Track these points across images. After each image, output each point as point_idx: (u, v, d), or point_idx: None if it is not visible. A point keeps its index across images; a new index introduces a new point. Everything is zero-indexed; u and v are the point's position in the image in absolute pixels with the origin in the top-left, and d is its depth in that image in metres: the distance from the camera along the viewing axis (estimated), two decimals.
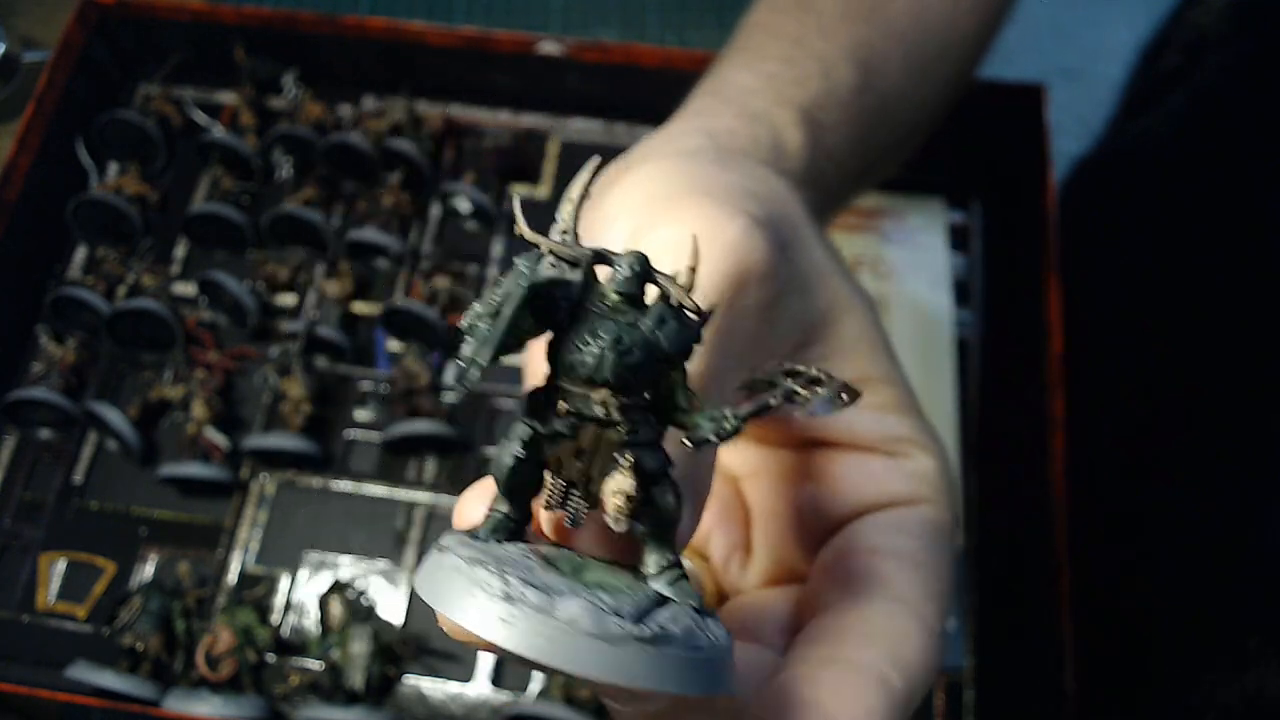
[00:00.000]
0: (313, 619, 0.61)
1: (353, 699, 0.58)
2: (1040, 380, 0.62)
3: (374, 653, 0.58)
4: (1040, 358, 0.62)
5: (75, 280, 0.70)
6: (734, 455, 0.39)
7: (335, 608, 0.60)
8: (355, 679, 0.58)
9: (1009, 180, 0.71)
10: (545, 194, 0.74)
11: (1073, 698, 0.54)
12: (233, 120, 0.74)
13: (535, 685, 0.59)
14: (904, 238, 0.72)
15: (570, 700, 0.57)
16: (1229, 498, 0.54)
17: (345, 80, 0.75)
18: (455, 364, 0.24)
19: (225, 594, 0.62)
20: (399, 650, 0.60)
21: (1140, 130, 0.74)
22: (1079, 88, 0.98)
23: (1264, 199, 0.57)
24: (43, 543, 0.63)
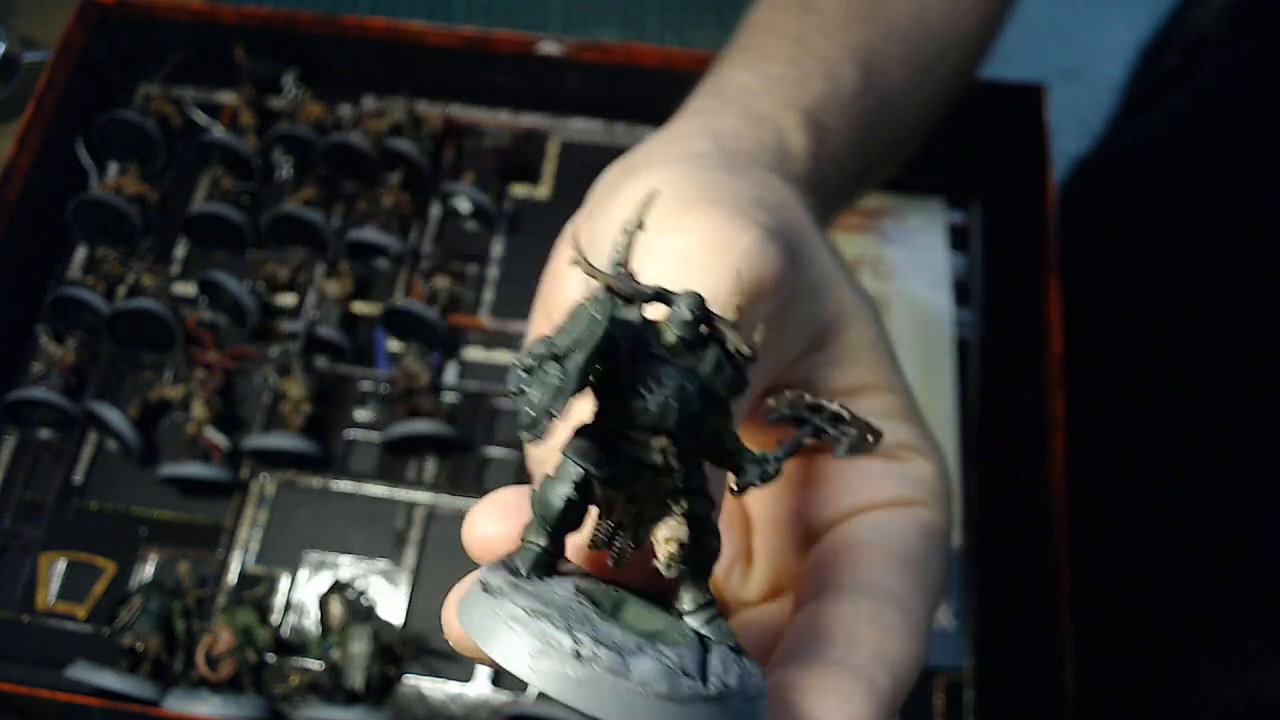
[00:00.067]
0: (313, 619, 0.61)
1: (353, 699, 0.58)
2: (1040, 380, 0.62)
3: (374, 653, 0.58)
4: (1040, 358, 0.62)
5: (75, 280, 0.70)
6: None
7: (335, 608, 0.60)
8: (355, 679, 0.58)
9: (1009, 180, 0.71)
10: (545, 194, 0.74)
11: (1073, 698, 0.54)
12: (233, 120, 0.74)
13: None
14: (904, 238, 0.72)
15: None
16: (1229, 498, 0.54)
17: (345, 80, 0.75)
18: (522, 410, 0.23)
19: (225, 594, 0.62)
20: (399, 650, 0.60)
21: (1140, 130, 0.74)
22: (1079, 88, 0.98)
23: (1264, 199, 0.57)
24: (43, 543, 0.63)
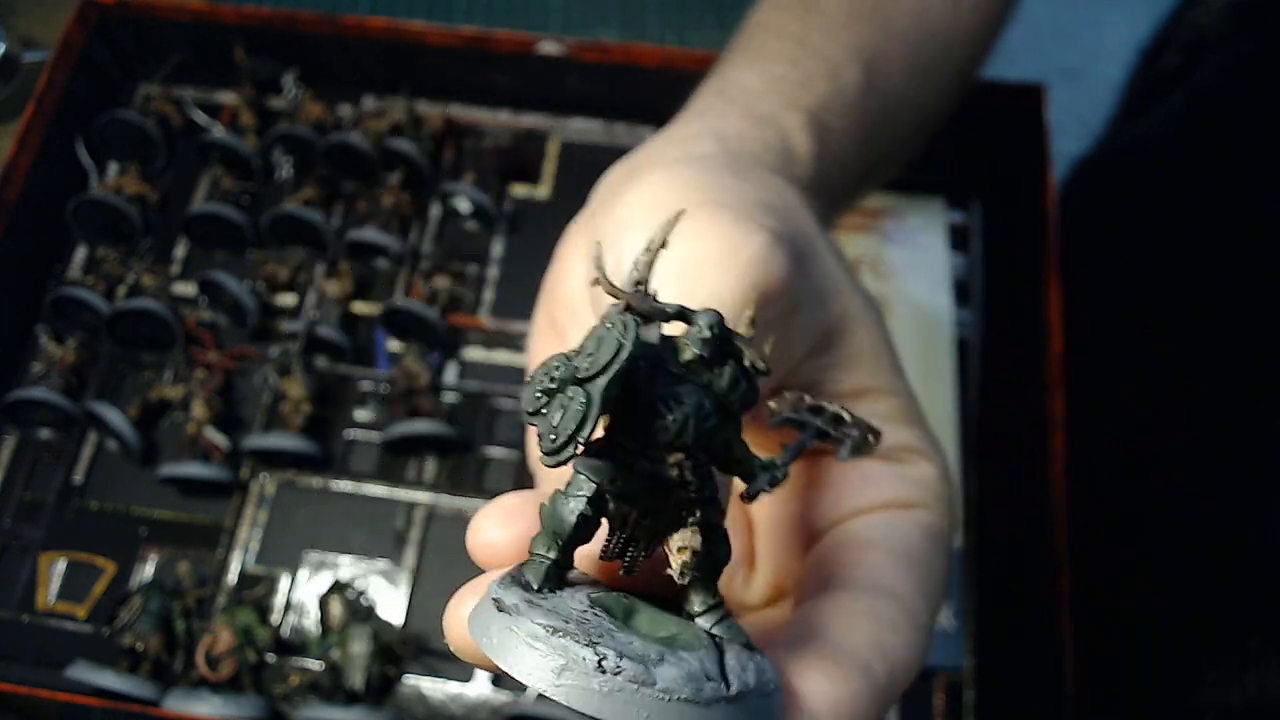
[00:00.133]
0: (313, 619, 0.61)
1: (353, 699, 0.58)
2: (1040, 380, 0.62)
3: (374, 653, 0.58)
4: (1040, 358, 0.62)
5: (75, 280, 0.70)
6: None
7: (335, 608, 0.60)
8: (355, 679, 0.58)
9: (1009, 180, 0.71)
10: (545, 194, 0.74)
11: (1073, 698, 0.54)
12: (233, 120, 0.74)
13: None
14: (904, 238, 0.72)
15: None
16: (1229, 498, 0.54)
17: (345, 80, 0.75)
18: (545, 435, 0.23)
19: (225, 594, 0.62)
20: (399, 650, 0.60)
21: (1140, 130, 0.74)
22: (1079, 88, 0.98)
23: (1264, 199, 0.57)
24: (43, 543, 0.63)
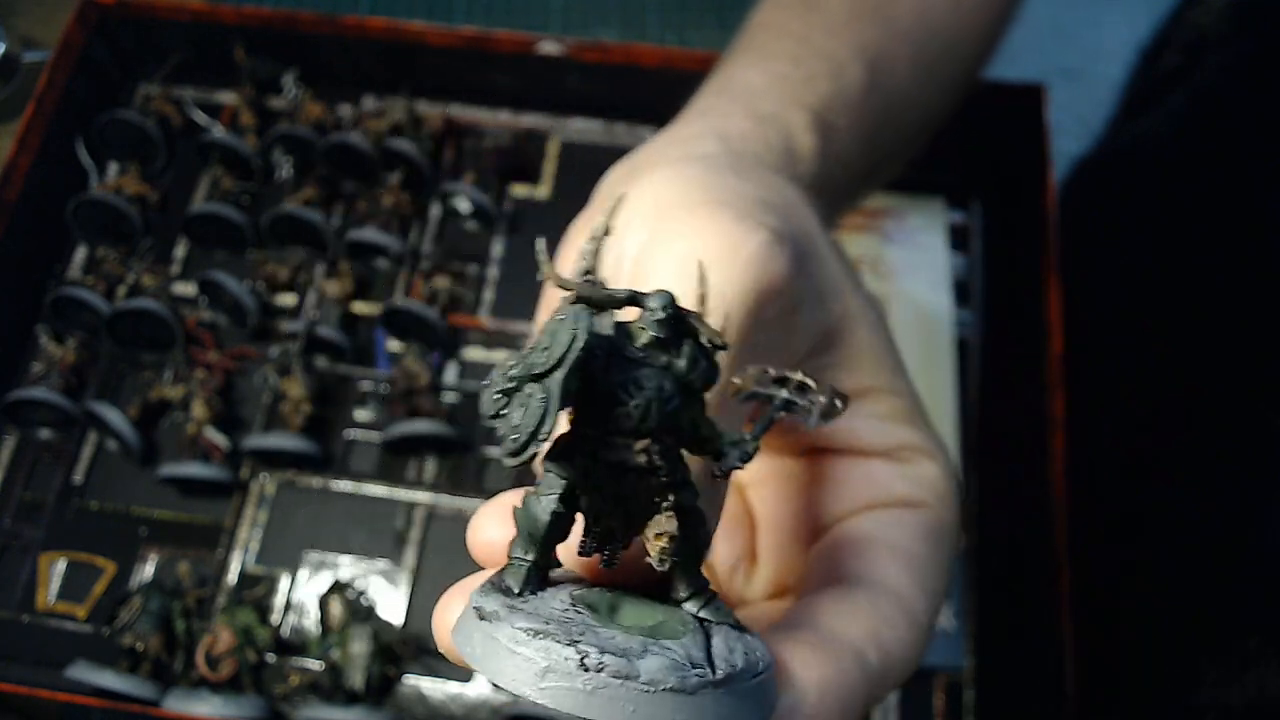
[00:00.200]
0: (313, 619, 0.61)
1: (353, 699, 0.58)
2: (1040, 380, 0.62)
3: (374, 653, 0.58)
4: (1040, 358, 0.62)
5: (75, 280, 0.70)
6: None
7: (335, 608, 0.60)
8: (355, 679, 0.58)
9: (1009, 180, 0.71)
10: (545, 194, 0.74)
11: (1073, 698, 0.54)
12: (233, 120, 0.74)
13: None
14: (904, 238, 0.72)
15: None
16: (1229, 498, 0.54)
17: (345, 80, 0.75)
18: (505, 435, 0.23)
19: (225, 594, 0.62)
20: (399, 650, 0.60)
21: (1140, 130, 0.74)
22: (1079, 88, 0.98)
23: (1264, 199, 0.57)
24: (43, 543, 0.63)
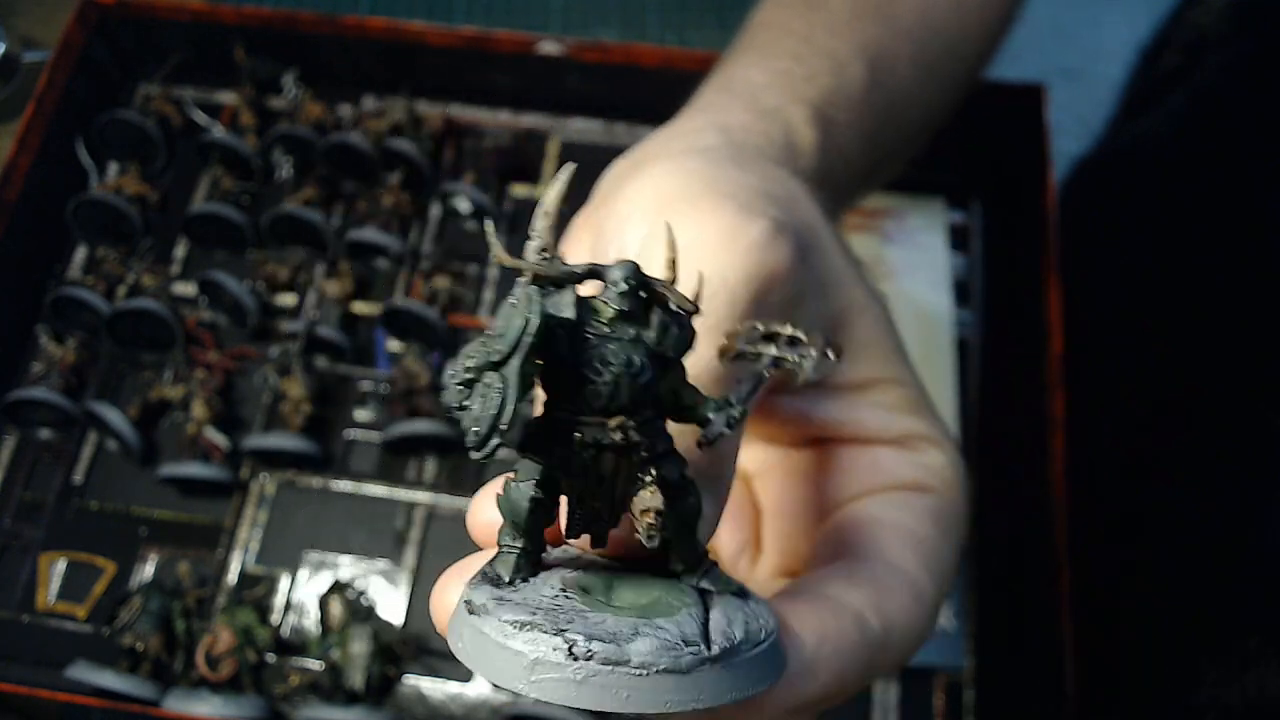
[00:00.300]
0: (313, 619, 0.61)
1: (353, 699, 0.58)
2: (1040, 380, 0.62)
3: (374, 653, 0.58)
4: (1040, 358, 0.62)
5: (75, 280, 0.70)
6: (745, 454, 0.38)
7: (335, 608, 0.60)
8: (355, 679, 0.58)
9: (1009, 180, 0.71)
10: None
11: (1073, 698, 0.54)
12: (233, 120, 0.74)
13: None
14: (904, 238, 0.72)
15: None
16: (1229, 498, 0.54)
17: (345, 80, 0.75)
18: (468, 428, 0.23)
19: (225, 594, 0.62)
20: (399, 650, 0.60)
21: (1140, 130, 0.74)
22: (1079, 88, 0.98)
23: (1264, 199, 0.57)
24: (43, 543, 0.63)
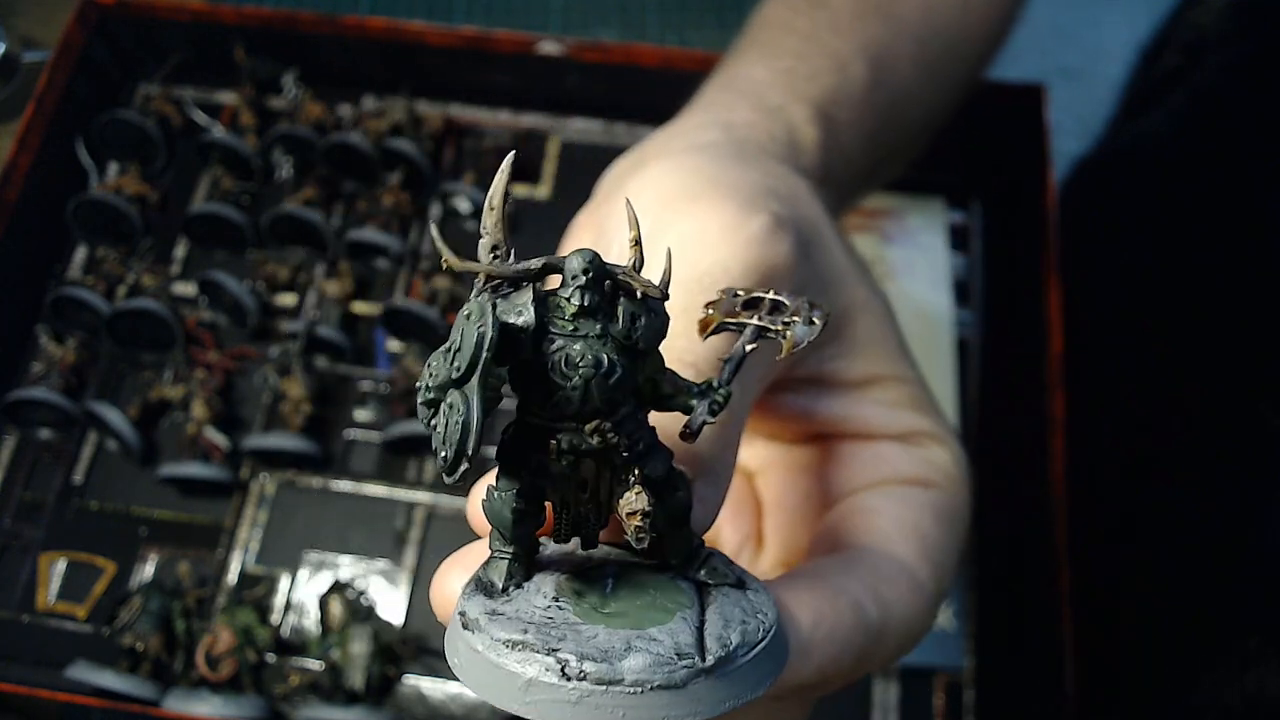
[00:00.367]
0: (313, 619, 0.61)
1: (353, 699, 0.57)
2: (1040, 380, 0.61)
3: (374, 653, 0.58)
4: (1040, 358, 0.62)
5: (75, 280, 0.70)
6: (747, 451, 0.39)
7: (335, 608, 0.60)
8: (355, 679, 0.58)
9: (1009, 180, 0.71)
10: (545, 194, 0.74)
11: (1073, 698, 0.54)
12: (233, 120, 0.74)
13: None
14: (904, 238, 0.72)
15: None
16: (1229, 498, 0.54)
17: (345, 80, 0.75)
18: (438, 451, 0.23)
19: (225, 594, 0.62)
20: (399, 650, 0.60)
21: (1140, 130, 0.74)
22: (1079, 88, 0.98)
23: (1264, 199, 0.57)
24: (43, 543, 0.63)
